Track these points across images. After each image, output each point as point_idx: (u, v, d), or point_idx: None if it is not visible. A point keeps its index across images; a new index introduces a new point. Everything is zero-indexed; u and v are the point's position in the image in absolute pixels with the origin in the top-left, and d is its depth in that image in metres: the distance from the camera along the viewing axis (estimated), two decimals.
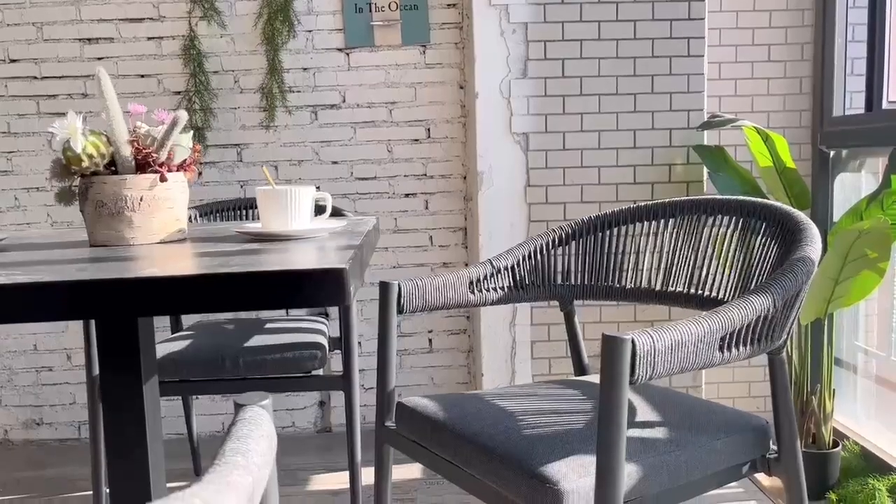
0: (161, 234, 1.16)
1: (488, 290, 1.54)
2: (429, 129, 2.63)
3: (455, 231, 2.68)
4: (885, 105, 2.25)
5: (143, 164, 1.14)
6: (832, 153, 2.40)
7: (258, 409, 0.61)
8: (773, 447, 1.27)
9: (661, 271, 1.53)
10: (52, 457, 2.60)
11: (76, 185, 1.15)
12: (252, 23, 2.56)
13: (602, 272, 1.60)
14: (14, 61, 2.55)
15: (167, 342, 1.95)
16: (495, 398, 1.37)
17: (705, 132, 2.39)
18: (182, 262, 0.91)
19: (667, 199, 1.56)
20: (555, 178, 2.38)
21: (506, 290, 1.57)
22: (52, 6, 2.53)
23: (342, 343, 1.91)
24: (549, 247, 1.61)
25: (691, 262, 1.49)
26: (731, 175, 2.26)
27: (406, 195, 2.65)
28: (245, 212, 2.25)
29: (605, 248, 1.60)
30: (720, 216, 1.46)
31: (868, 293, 1.94)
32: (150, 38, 2.56)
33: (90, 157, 1.10)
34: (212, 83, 2.57)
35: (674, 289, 1.51)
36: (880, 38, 2.26)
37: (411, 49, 2.59)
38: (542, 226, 2.39)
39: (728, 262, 1.42)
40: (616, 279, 1.59)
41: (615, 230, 1.60)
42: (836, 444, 2.13)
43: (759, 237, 1.37)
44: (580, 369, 1.66)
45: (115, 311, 0.80)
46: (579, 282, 1.62)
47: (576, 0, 2.32)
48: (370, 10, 2.55)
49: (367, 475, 2.11)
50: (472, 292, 1.52)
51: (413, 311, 1.43)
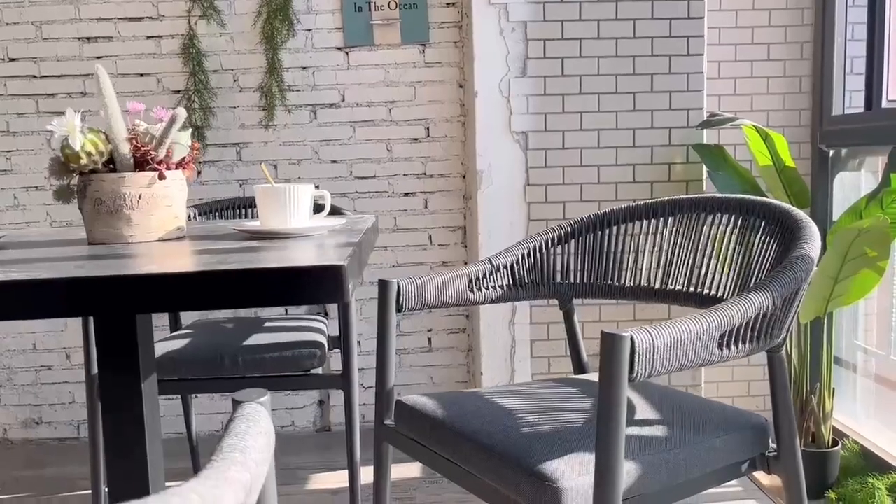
0: (159, 232, 1.16)
1: (487, 289, 1.54)
2: (428, 128, 2.63)
3: (454, 230, 2.68)
4: (884, 104, 2.25)
5: (141, 162, 1.14)
6: (832, 152, 2.40)
7: (256, 405, 0.61)
8: (773, 445, 1.27)
9: (661, 270, 1.53)
10: (51, 456, 2.59)
11: (75, 183, 1.15)
12: (251, 21, 2.56)
13: (601, 270, 1.60)
14: (13, 60, 2.55)
15: (166, 341, 1.95)
16: (494, 396, 1.37)
17: (705, 131, 2.39)
18: (180, 260, 0.91)
19: (666, 198, 1.56)
20: (554, 177, 2.38)
21: (505, 288, 1.57)
22: (51, 5, 2.53)
23: (341, 342, 1.91)
24: (549, 245, 1.61)
25: (690, 261, 1.49)
26: (731, 174, 2.26)
27: (405, 194, 2.65)
28: (244, 211, 2.25)
29: (605, 247, 1.60)
30: (719, 214, 1.46)
31: (867, 292, 1.94)
32: (149, 37, 2.56)
33: (88, 154, 1.10)
34: (211, 82, 2.57)
35: (673, 287, 1.51)
36: (880, 37, 2.26)
37: (410, 48, 2.59)
38: (542, 225, 2.39)
39: (727, 261, 1.42)
40: (615, 277, 1.59)
41: (614, 228, 1.60)
42: (835, 443, 2.13)
43: (759, 235, 1.37)
44: (579, 368, 1.66)
45: (113, 308, 0.80)
46: (578, 280, 1.62)
47: None
48: (369, 9, 2.55)
49: (366, 474, 2.10)
50: (472, 291, 1.52)
51: (412, 310, 1.43)
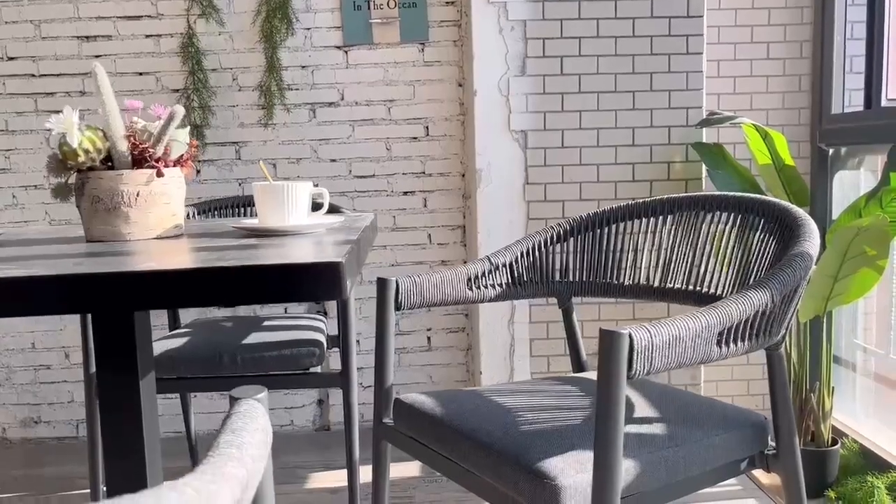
0: (157, 230, 1.15)
1: (486, 287, 1.54)
2: (427, 127, 2.63)
3: (454, 229, 2.68)
4: (883, 102, 2.25)
5: (139, 160, 1.14)
6: (831, 151, 2.40)
7: (253, 402, 0.61)
8: (772, 443, 1.27)
9: (660, 268, 1.53)
10: (50, 455, 2.59)
11: (73, 181, 1.15)
12: (250, 20, 2.56)
13: (600, 269, 1.60)
14: (12, 59, 2.55)
15: (165, 339, 1.95)
16: (493, 394, 1.37)
17: (704, 130, 2.39)
18: (178, 257, 0.91)
19: (665, 196, 1.55)
20: (553, 176, 2.37)
21: (504, 286, 1.57)
22: (50, 4, 2.53)
23: (340, 340, 1.91)
24: (548, 243, 1.61)
25: (690, 259, 1.49)
26: (730, 173, 2.26)
27: (404, 193, 2.65)
28: (243, 209, 2.24)
29: (604, 245, 1.60)
30: (719, 212, 1.46)
31: (867, 291, 1.94)
32: (148, 36, 2.56)
33: (86, 151, 1.09)
34: (210, 81, 2.56)
35: (672, 285, 1.51)
36: (879, 36, 2.26)
37: (410, 47, 2.59)
38: (541, 223, 2.39)
39: (726, 259, 1.42)
40: (614, 276, 1.58)
41: (613, 227, 1.60)
42: (834, 442, 2.13)
43: (758, 233, 1.37)
44: (578, 366, 1.66)
45: (111, 305, 0.80)
46: (577, 278, 1.62)
47: None
48: (368, 8, 2.54)
49: (365, 473, 2.10)
50: (470, 289, 1.52)
51: (411, 308, 1.43)
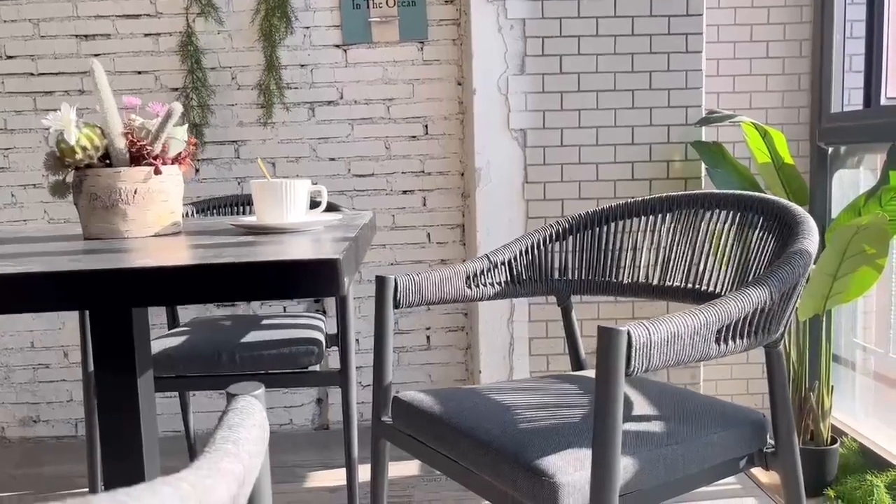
0: (155, 227, 1.15)
1: (485, 285, 1.54)
2: (426, 126, 2.62)
3: (453, 228, 2.67)
4: (883, 101, 2.25)
5: (137, 157, 1.14)
6: (830, 149, 2.40)
7: (250, 398, 0.60)
8: (771, 441, 1.27)
9: (659, 266, 1.53)
10: (49, 454, 2.59)
11: (70, 179, 1.15)
12: (249, 19, 2.56)
13: (599, 267, 1.60)
14: (10, 58, 2.55)
15: (163, 338, 1.95)
16: (492, 392, 1.37)
17: (703, 128, 2.39)
18: (176, 254, 0.91)
19: (664, 194, 1.55)
20: (553, 175, 2.37)
21: (503, 284, 1.56)
22: (49, 2, 2.52)
23: (339, 339, 1.91)
24: (547, 242, 1.61)
25: (688, 257, 1.48)
26: (730, 171, 2.26)
27: (404, 192, 2.65)
28: (242, 208, 2.24)
29: (603, 243, 1.60)
30: (717, 211, 1.46)
31: (866, 289, 1.94)
32: (147, 35, 2.55)
33: (84, 149, 1.09)
34: (209, 80, 2.56)
35: (671, 283, 1.50)
36: (878, 35, 2.26)
37: (409, 45, 2.58)
38: (540, 222, 2.38)
39: (725, 257, 1.42)
40: (613, 274, 1.58)
41: (612, 225, 1.60)
42: (834, 441, 2.12)
43: (757, 231, 1.37)
44: (577, 365, 1.65)
45: (109, 301, 0.80)
46: (576, 277, 1.62)
47: None
48: (368, 7, 2.54)
49: (364, 472, 2.10)
50: (469, 287, 1.51)
51: (410, 306, 1.43)
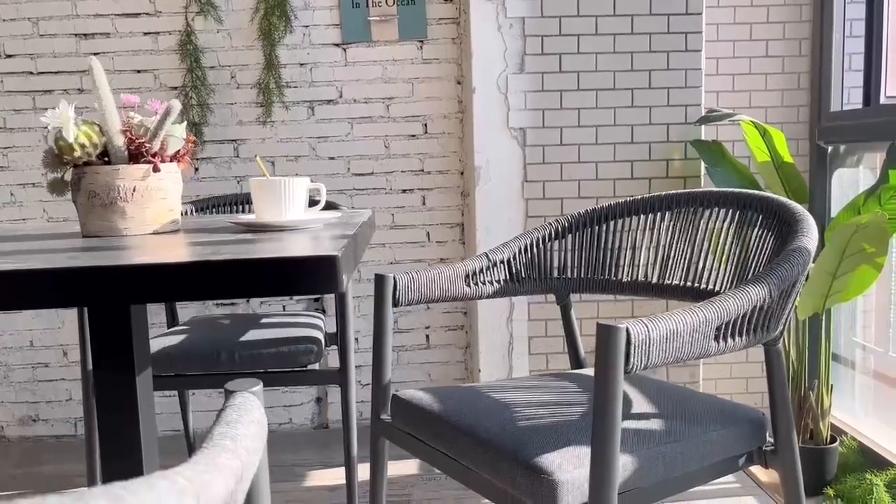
0: (154, 225, 1.15)
1: (484, 284, 1.54)
2: (426, 125, 2.62)
3: (452, 227, 2.67)
4: (882, 100, 2.25)
5: (135, 155, 1.13)
6: (830, 148, 2.40)
7: (248, 395, 0.60)
8: (770, 439, 1.27)
9: (658, 264, 1.52)
10: (48, 453, 2.59)
11: (69, 176, 1.15)
12: (248, 18, 2.55)
13: (598, 265, 1.60)
14: (10, 56, 2.55)
15: (162, 337, 1.95)
16: (491, 391, 1.37)
17: (703, 127, 2.38)
18: (175, 251, 0.91)
19: (663, 193, 1.55)
20: (552, 174, 2.37)
21: (502, 283, 1.56)
22: (48, 1, 2.52)
23: (339, 338, 1.91)
24: (546, 240, 1.61)
25: (688, 255, 1.48)
26: (729, 170, 2.25)
27: (403, 191, 2.65)
28: (241, 207, 2.24)
29: (602, 242, 1.60)
30: (716, 209, 1.46)
31: (866, 288, 1.94)
32: (146, 34, 2.55)
33: (82, 146, 1.09)
34: (208, 78, 2.56)
35: (670, 282, 1.50)
36: (878, 34, 2.26)
37: (408, 44, 2.58)
38: (540, 221, 2.38)
39: (724, 255, 1.42)
40: (612, 272, 1.58)
41: (611, 224, 1.59)
42: (833, 440, 2.12)
43: (756, 229, 1.37)
44: (577, 364, 1.65)
45: (107, 298, 0.80)
46: (575, 275, 1.61)
47: None
48: (367, 6, 2.54)
49: (363, 471, 2.10)
50: (468, 285, 1.51)
51: (409, 304, 1.42)
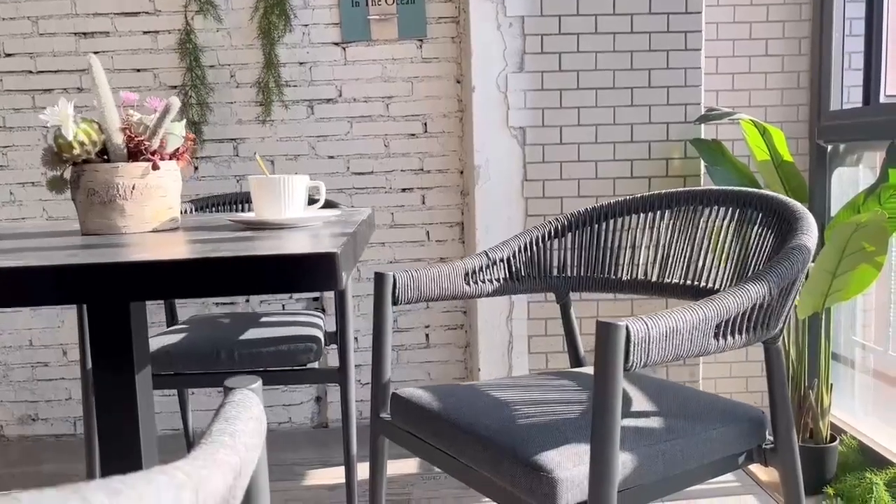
0: (153, 223, 1.15)
1: (484, 282, 1.54)
2: (425, 124, 2.62)
3: (452, 226, 2.67)
4: (882, 99, 2.25)
5: (135, 152, 1.13)
6: (830, 147, 2.40)
7: (247, 391, 0.60)
8: (770, 438, 1.26)
9: (658, 263, 1.52)
10: (47, 453, 2.59)
11: (68, 174, 1.14)
12: (248, 17, 2.55)
13: (598, 264, 1.60)
14: (9, 55, 2.54)
15: (162, 335, 1.94)
16: (491, 389, 1.37)
17: (703, 126, 2.38)
18: (174, 248, 0.91)
19: (663, 191, 1.55)
20: (552, 173, 2.37)
21: (501, 281, 1.56)
22: (48, 0, 2.52)
23: (338, 337, 1.91)
24: (545, 238, 1.61)
25: (687, 254, 1.48)
26: (729, 169, 2.25)
27: (403, 190, 2.64)
28: (240, 206, 2.24)
29: (601, 240, 1.60)
30: (716, 207, 1.46)
31: (865, 287, 1.94)
32: (145, 33, 2.55)
33: (81, 144, 1.09)
34: (208, 77, 2.56)
35: (670, 280, 1.50)
36: (878, 33, 2.26)
37: (408, 43, 2.58)
38: (539, 220, 2.38)
39: (724, 253, 1.42)
40: (612, 271, 1.58)
41: (611, 222, 1.59)
42: (833, 439, 2.12)
43: (756, 227, 1.37)
44: (576, 362, 1.65)
45: (106, 295, 0.80)
46: (575, 274, 1.61)
47: None
48: (366, 4, 2.54)
49: (363, 470, 2.10)
50: (468, 284, 1.51)
51: (408, 302, 1.42)
